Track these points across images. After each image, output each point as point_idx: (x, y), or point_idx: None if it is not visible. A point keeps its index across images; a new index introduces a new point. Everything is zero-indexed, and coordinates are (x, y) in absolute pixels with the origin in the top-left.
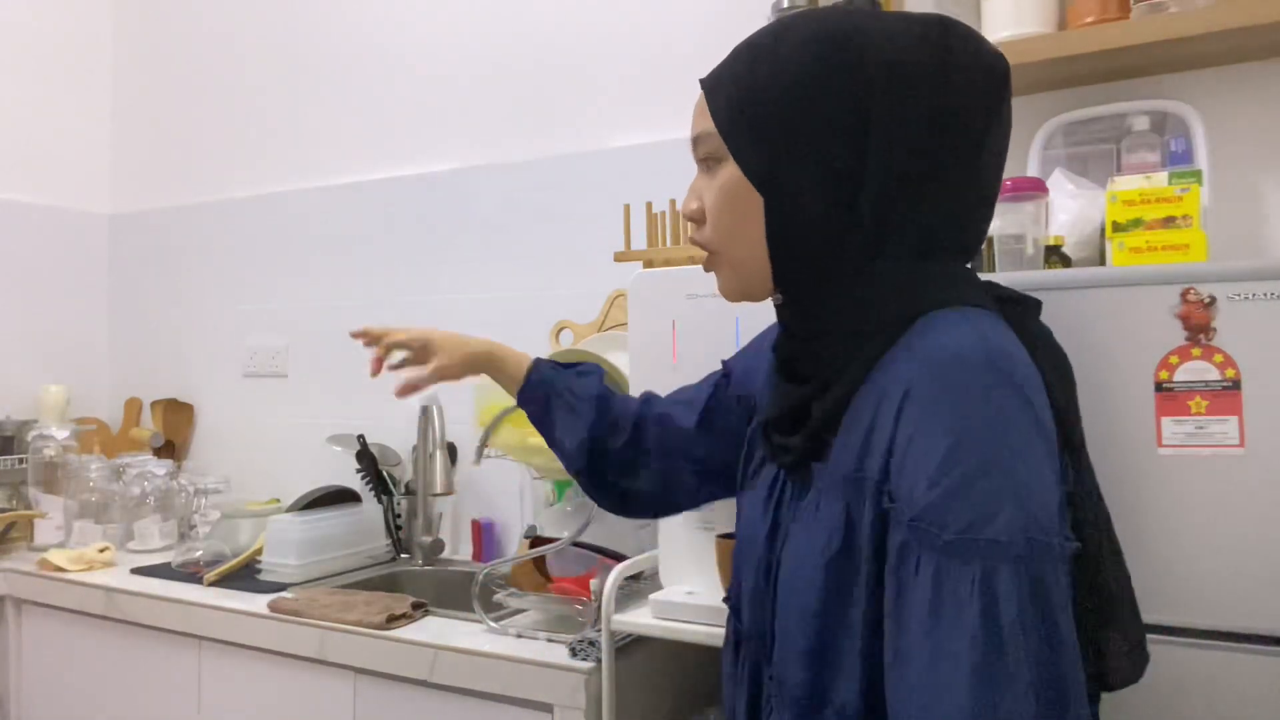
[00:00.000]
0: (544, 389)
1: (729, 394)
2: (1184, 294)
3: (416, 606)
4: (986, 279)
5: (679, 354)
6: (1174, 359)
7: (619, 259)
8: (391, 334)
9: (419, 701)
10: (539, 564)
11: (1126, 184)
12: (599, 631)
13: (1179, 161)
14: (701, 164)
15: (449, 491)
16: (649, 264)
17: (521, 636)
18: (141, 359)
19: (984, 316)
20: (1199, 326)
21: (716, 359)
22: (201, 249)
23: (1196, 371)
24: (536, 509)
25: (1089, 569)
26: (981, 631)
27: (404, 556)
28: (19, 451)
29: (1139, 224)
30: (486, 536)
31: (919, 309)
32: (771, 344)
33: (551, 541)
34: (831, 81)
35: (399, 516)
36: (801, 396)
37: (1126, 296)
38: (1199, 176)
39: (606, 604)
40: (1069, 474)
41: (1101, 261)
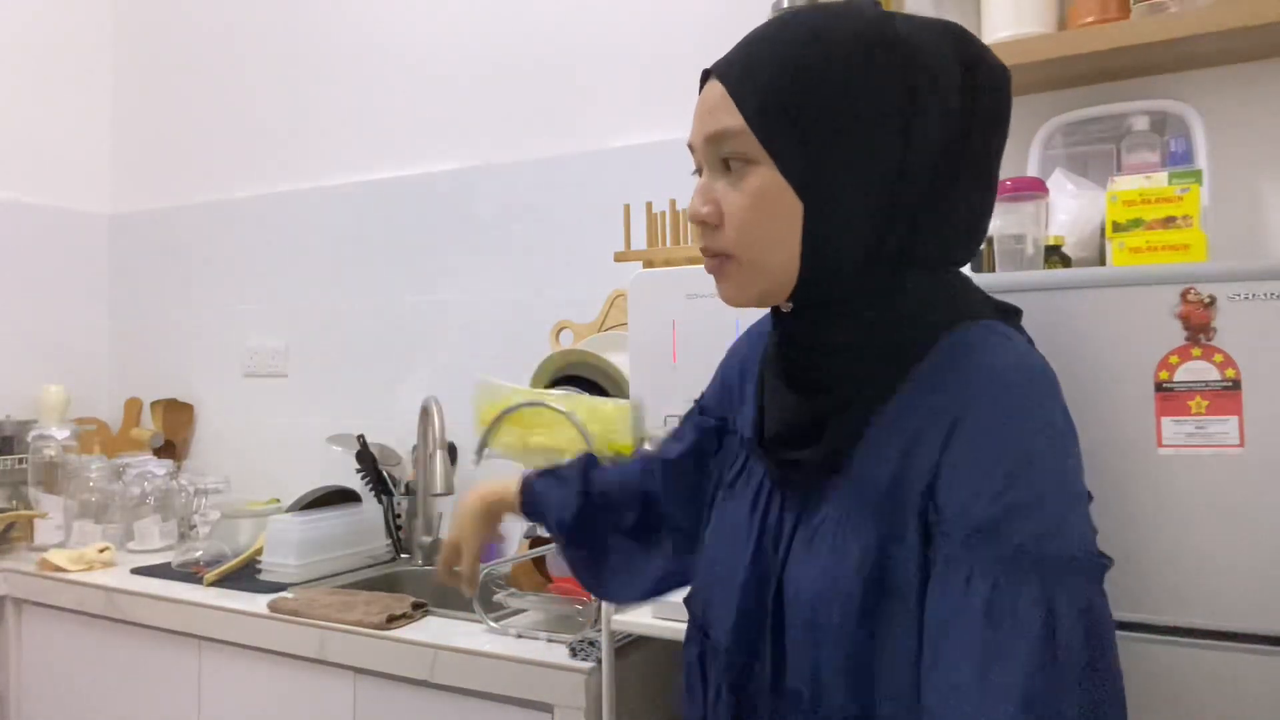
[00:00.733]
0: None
1: (710, 431)
2: (1184, 294)
3: (416, 606)
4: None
5: (679, 354)
6: (1174, 359)
7: (619, 259)
8: (460, 567)
9: (419, 701)
10: (539, 564)
11: (1126, 184)
12: (599, 631)
13: (1179, 162)
14: (720, 164)
15: (449, 491)
16: (649, 264)
17: (522, 637)
18: (142, 359)
19: (1010, 333)
20: (1199, 326)
21: (716, 359)
22: (201, 249)
23: (1196, 371)
24: None
25: None
26: (1040, 643)
27: (404, 556)
28: (19, 451)
29: (1139, 224)
30: None
31: (943, 323)
32: (759, 357)
33: (551, 541)
34: (884, 84)
35: (399, 516)
36: (814, 410)
37: (1126, 296)
38: (1199, 176)
39: (606, 604)
40: None
41: (1101, 261)
